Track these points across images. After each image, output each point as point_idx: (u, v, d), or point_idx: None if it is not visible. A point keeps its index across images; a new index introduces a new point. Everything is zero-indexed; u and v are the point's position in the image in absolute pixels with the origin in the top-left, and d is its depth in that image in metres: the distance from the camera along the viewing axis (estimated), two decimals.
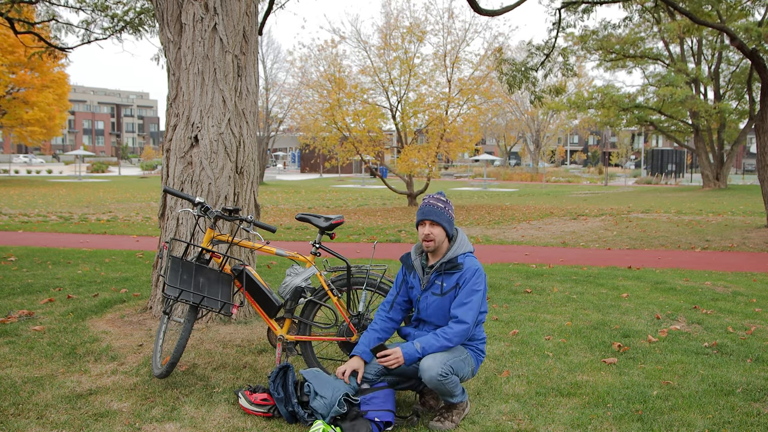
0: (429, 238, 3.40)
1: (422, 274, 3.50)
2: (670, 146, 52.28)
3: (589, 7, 11.60)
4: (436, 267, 3.43)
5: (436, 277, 3.43)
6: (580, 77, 39.09)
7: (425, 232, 3.40)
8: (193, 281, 3.76)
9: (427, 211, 3.42)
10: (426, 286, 3.46)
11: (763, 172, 11.65)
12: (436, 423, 3.32)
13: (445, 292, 3.39)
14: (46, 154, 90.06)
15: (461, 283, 3.37)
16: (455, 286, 3.38)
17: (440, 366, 3.25)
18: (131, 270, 7.70)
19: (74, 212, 16.34)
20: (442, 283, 3.40)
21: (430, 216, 3.40)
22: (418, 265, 3.52)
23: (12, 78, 32.28)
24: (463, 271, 3.38)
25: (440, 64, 19.99)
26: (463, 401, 3.42)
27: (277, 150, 74.31)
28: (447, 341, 3.31)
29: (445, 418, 3.35)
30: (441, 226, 3.41)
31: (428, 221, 3.41)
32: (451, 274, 3.40)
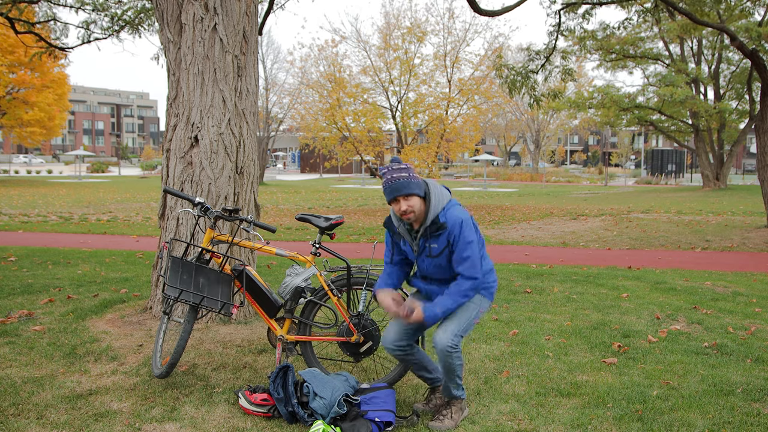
0: (408, 212, 3.27)
1: (411, 240, 3.44)
2: (670, 146, 52.28)
3: (590, 9, 11.60)
4: (421, 233, 3.35)
5: (424, 241, 3.37)
6: (579, 77, 39.07)
7: (402, 209, 3.26)
8: (193, 281, 3.76)
9: (395, 188, 3.26)
10: (418, 251, 3.42)
11: (763, 172, 11.65)
12: (436, 423, 3.32)
13: (437, 254, 3.34)
14: (46, 154, 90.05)
15: (452, 240, 3.28)
16: (447, 245, 3.31)
17: (450, 338, 3.28)
18: (131, 270, 7.70)
19: (74, 212, 16.34)
20: (432, 245, 3.34)
21: (401, 191, 3.25)
22: (405, 231, 3.43)
23: (12, 78, 32.28)
24: (448, 228, 3.27)
25: (440, 65, 20.00)
26: (462, 397, 3.43)
27: (277, 150, 74.31)
28: (463, 297, 3.30)
29: (443, 416, 3.35)
30: (414, 194, 3.27)
31: (401, 197, 3.26)
32: (438, 236, 3.31)
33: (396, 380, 3.83)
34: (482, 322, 5.37)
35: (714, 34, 25.47)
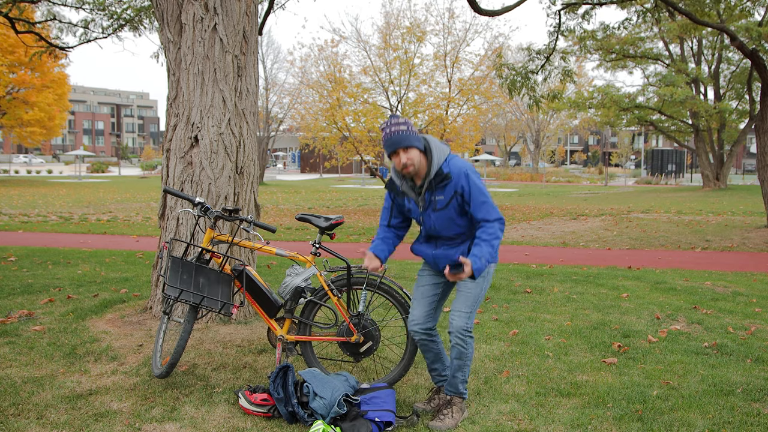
0: (408, 165, 3.27)
1: (416, 196, 3.43)
2: (670, 146, 52.28)
3: (590, 9, 11.60)
4: (426, 186, 3.35)
5: (430, 194, 3.36)
6: (579, 77, 39.09)
7: (402, 161, 3.26)
8: (193, 281, 3.76)
9: (395, 141, 3.25)
10: (424, 206, 3.40)
11: (763, 172, 11.65)
12: (437, 423, 3.32)
13: (443, 206, 3.34)
14: (46, 154, 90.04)
15: (460, 191, 3.29)
16: (453, 196, 3.31)
17: (466, 320, 3.35)
18: (131, 270, 7.70)
19: (74, 212, 16.34)
20: (438, 197, 3.34)
21: (401, 144, 3.25)
22: (408, 189, 3.43)
23: (12, 78, 32.28)
24: (455, 179, 3.28)
25: (440, 64, 20.00)
26: (465, 396, 3.46)
27: (277, 150, 74.32)
28: (497, 238, 3.27)
29: (444, 415, 3.36)
30: (414, 147, 3.28)
31: (400, 149, 3.26)
32: (443, 187, 3.32)
33: (396, 380, 3.83)
34: (482, 323, 5.37)
35: (714, 34, 25.46)
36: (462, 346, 3.38)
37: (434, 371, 3.66)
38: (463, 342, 3.37)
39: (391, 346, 4.50)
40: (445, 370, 3.64)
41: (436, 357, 3.63)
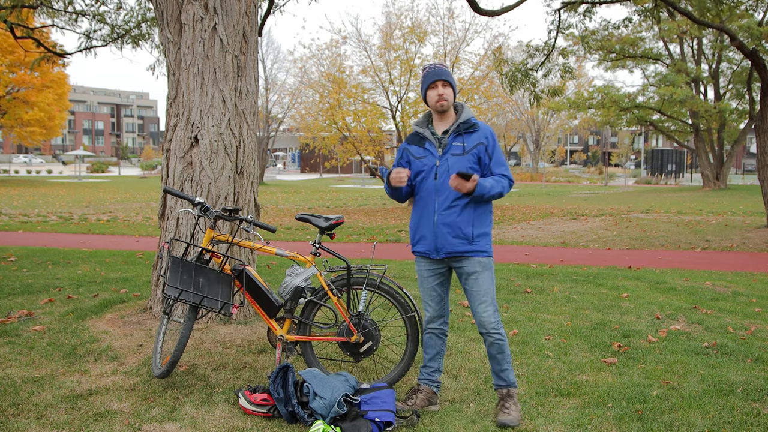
0: (443, 98, 3.46)
1: (436, 142, 3.51)
2: (670, 146, 52.26)
3: (590, 8, 11.59)
4: (453, 129, 3.48)
5: (454, 138, 3.47)
6: (579, 77, 39.11)
7: (439, 92, 3.46)
8: (193, 281, 3.76)
9: (438, 72, 3.48)
10: (444, 150, 3.47)
11: (763, 172, 11.65)
12: (506, 417, 3.32)
13: (467, 150, 3.44)
14: (46, 154, 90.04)
15: (485, 141, 3.46)
16: (477, 144, 3.45)
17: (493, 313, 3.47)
18: (131, 270, 7.70)
19: (74, 212, 16.34)
20: (464, 143, 3.45)
21: (441, 76, 3.47)
22: (430, 134, 3.54)
23: (12, 78, 32.28)
24: (482, 130, 3.47)
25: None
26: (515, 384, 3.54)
27: (277, 150, 74.31)
28: (502, 188, 3.43)
29: (508, 408, 3.38)
30: (451, 86, 3.49)
31: (441, 81, 3.47)
32: (470, 133, 3.47)
33: (396, 380, 3.83)
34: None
35: (714, 34, 25.45)
36: (501, 340, 3.48)
37: (428, 368, 3.67)
38: (501, 335, 3.48)
39: (391, 346, 4.50)
40: (437, 372, 3.67)
41: (438, 354, 3.67)
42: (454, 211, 3.42)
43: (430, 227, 3.48)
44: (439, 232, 3.44)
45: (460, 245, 3.43)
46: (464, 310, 5.82)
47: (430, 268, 3.58)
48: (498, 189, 3.40)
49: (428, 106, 3.58)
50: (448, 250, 3.45)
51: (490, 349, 3.50)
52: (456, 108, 3.57)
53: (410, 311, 3.81)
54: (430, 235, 3.49)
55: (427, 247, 3.52)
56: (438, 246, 3.47)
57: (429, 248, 3.51)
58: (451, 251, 3.45)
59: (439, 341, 3.66)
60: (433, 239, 3.48)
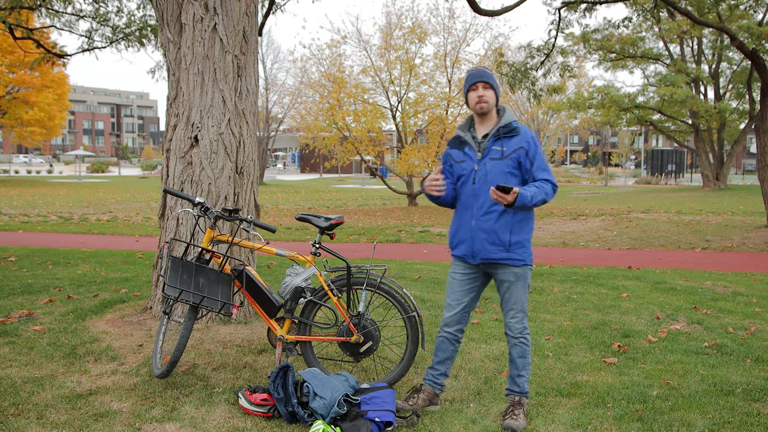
0: (483, 100, 3.43)
1: (476, 146, 3.50)
2: (670, 146, 52.26)
3: (590, 6, 11.60)
4: (493, 132, 3.46)
5: (493, 142, 3.45)
6: (579, 77, 39.09)
7: (479, 94, 3.43)
8: (193, 281, 3.76)
9: (479, 74, 3.47)
10: (483, 154, 3.46)
11: (763, 172, 11.64)
12: (512, 422, 3.31)
13: (506, 155, 3.41)
14: (46, 154, 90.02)
15: (526, 146, 3.41)
16: (517, 149, 3.41)
17: (522, 318, 3.53)
18: (131, 270, 7.70)
19: (74, 212, 16.34)
20: (503, 147, 3.42)
21: (483, 78, 3.45)
22: (470, 138, 3.53)
23: (12, 78, 32.28)
24: (522, 134, 3.43)
25: (441, 65, 20.00)
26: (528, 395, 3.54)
27: (277, 150, 74.31)
28: (545, 194, 3.37)
29: (517, 415, 3.37)
30: (492, 88, 3.46)
31: (482, 83, 3.45)
32: (510, 138, 3.43)
33: (396, 380, 3.83)
34: (482, 323, 5.37)
35: (714, 34, 25.45)
36: (525, 344, 3.50)
37: (436, 370, 3.66)
38: (526, 340, 3.51)
39: (391, 346, 4.50)
40: (443, 375, 3.66)
41: (447, 359, 3.66)
42: (492, 216, 3.40)
43: (468, 232, 3.47)
44: (476, 237, 3.43)
45: (496, 252, 3.41)
46: None
47: (464, 272, 3.57)
48: (541, 196, 3.33)
49: (469, 108, 3.57)
50: (484, 256, 3.44)
51: (513, 351, 3.52)
52: (498, 111, 3.53)
53: (410, 311, 3.81)
54: (467, 239, 3.48)
55: (464, 252, 3.51)
56: (475, 251, 3.46)
57: (466, 253, 3.50)
58: (487, 257, 3.43)
59: (451, 347, 3.65)
60: (470, 244, 3.47)
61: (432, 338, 4.85)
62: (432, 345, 4.68)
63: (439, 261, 8.95)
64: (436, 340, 3.70)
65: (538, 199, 3.32)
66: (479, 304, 6.04)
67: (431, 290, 6.67)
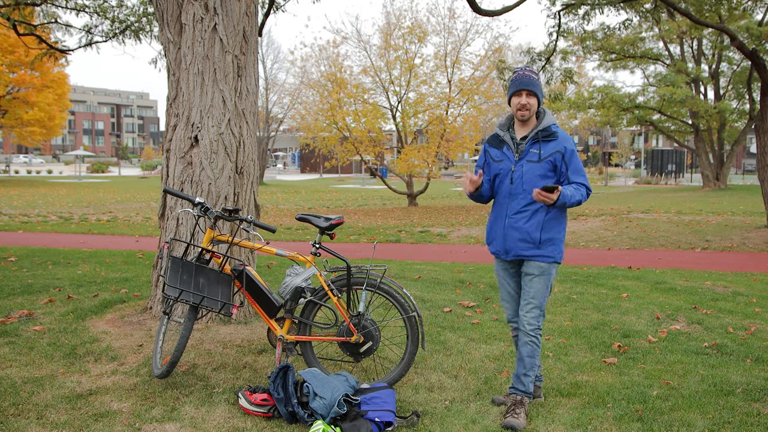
0: (525, 108, 3.48)
1: (514, 146, 3.55)
2: (670, 146, 52.24)
3: (589, 10, 11.59)
4: (531, 135, 3.50)
5: (531, 145, 3.50)
6: (580, 77, 39.09)
7: (522, 102, 3.48)
8: (193, 281, 3.76)
9: (525, 82, 3.49)
10: (521, 155, 3.51)
11: (763, 172, 11.64)
12: (512, 420, 3.32)
13: (543, 158, 3.47)
14: (46, 154, 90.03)
15: (563, 150, 3.47)
16: (554, 152, 3.46)
17: (538, 315, 3.51)
18: (131, 270, 7.70)
19: (74, 212, 16.34)
20: (540, 150, 3.48)
21: (528, 86, 3.48)
22: (509, 139, 3.57)
23: (12, 78, 32.29)
24: (560, 139, 3.48)
25: (441, 65, 20.00)
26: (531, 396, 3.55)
27: (277, 150, 74.31)
28: (581, 196, 3.46)
29: (518, 414, 3.37)
30: (536, 96, 3.50)
31: (525, 91, 3.48)
32: (548, 142, 3.48)
33: (396, 380, 3.83)
34: (482, 323, 5.37)
35: (714, 34, 25.45)
36: (536, 344, 3.52)
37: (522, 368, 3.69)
38: (537, 339, 3.52)
39: (391, 346, 4.50)
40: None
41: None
42: (524, 216, 3.50)
43: (501, 229, 3.58)
44: (509, 235, 3.54)
45: (526, 249, 3.51)
46: (464, 310, 5.82)
47: (504, 267, 3.69)
48: (577, 197, 3.44)
49: (511, 109, 3.61)
50: (516, 252, 3.54)
51: (523, 349, 3.54)
52: (538, 114, 3.58)
53: (410, 311, 3.81)
54: (500, 237, 3.59)
55: (497, 248, 3.64)
56: (507, 248, 3.56)
57: (499, 249, 3.62)
58: (518, 254, 3.54)
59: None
60: (503, 241, 3.58)
61: (432, 338, 4.86)
62: (432, 345, 4.68)
63: (439, 261, 8.95)
64: (513, 340, 3.78)
65: (575, 199, 3.43)
66: (479, 305, 6.04)
67: (431, 290, 6.67)
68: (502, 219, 3.57)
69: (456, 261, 8.96)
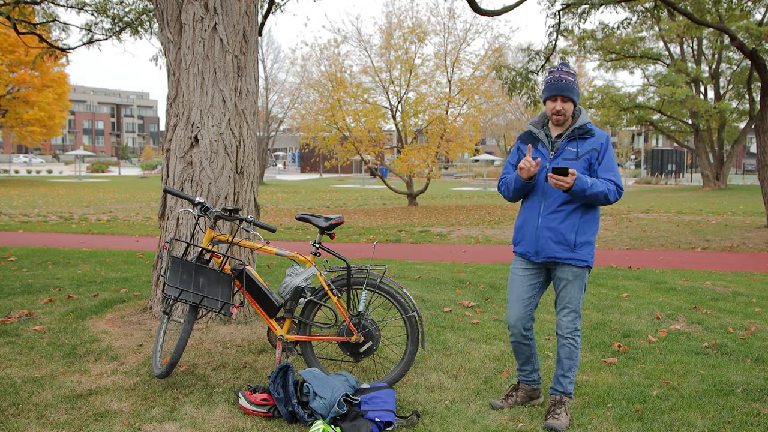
0: (560, 114, 3.40)
1: (549, 144, 3.47)
2: (670, 146, 52.25)
3: (588, 9, 11.59)
4: (567, 133, 3.43)
5: (568, 143, 3.42)
6: (580, 77, 39.10)
7: (557, 108, 3.39)
8: (193, 281, 3.77)
9: (561, 87, 3.38)
10: (556, 153, 3.43)
11: (763, 172, 11.64)
12: (553, 421, 3.30)
13: (580, 155, 3.38)
14: (46, 154, 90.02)
15: (599, 148, 3.38)
16: (590, 150, 3.38)
17: (575, 319, 3.45)
18: (131, 270, 7.70)
19: (74, 212, 16.34)
20: (577, 148, 3.40)
21: (563, 92, 3.38)
22: (544, 137, 3.48)
23: (12, 77, 32.30)
24: (597, 136, 3.40)
25: (441, 64, 20.00)
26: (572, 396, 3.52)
27: (277, 150, 74.31)
28: (609, 192, 3.31)
29: (558, 414, 3.35)
30: (572, 101, 3.41)
31: (560, 97, 3.39)
32: (584, 140, 3.41)
33: (396, 380, 3.83)
34: (482, 323, 5.37)
35: (714, 34, 25.44)
36: (574, 345, 3.47)
37: (524, 371, 3.67)
38: (575, 341, 3.47)
39: (391, 346, 4.50)
40: (534, 372, 3.66)
41: (528, 359, 3.64)
42: (559, 216, 3.38)
43: (533, 230, 3.44)
44: (542, 235, 3.40)
45: (561, 251, 3.38)
46: (464, 310, 5.82)
47: (526, 268, 3.54)
48: (601, 188, 3.28)
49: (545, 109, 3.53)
50: (548, 254, 3.40)
51: (561, 351, 3.50)
52: (574, 113, 3.49)
53: (410, 311, 3.81)
54: (532, 237, 3.45)
55: (527, 249, 3.48)
56: (539, 249, 3.42)
57: (529, 250, 3.47)
58: (551, 256, 3.40)
59: (526, 347, 3.60)
60: (534, 242, 3.44)
61: (432, 338, 4.86)
62: (432, 345, 4.68)
63: (439, 261, 8.95)
64: (511, 344, 3.68)
65: (598, 189, 3.28)
66: (479, 304, 6.04)
67: (431, 290, 6.67)
68: (534, 219, 3.43)
69: (456, 261, 8.96)
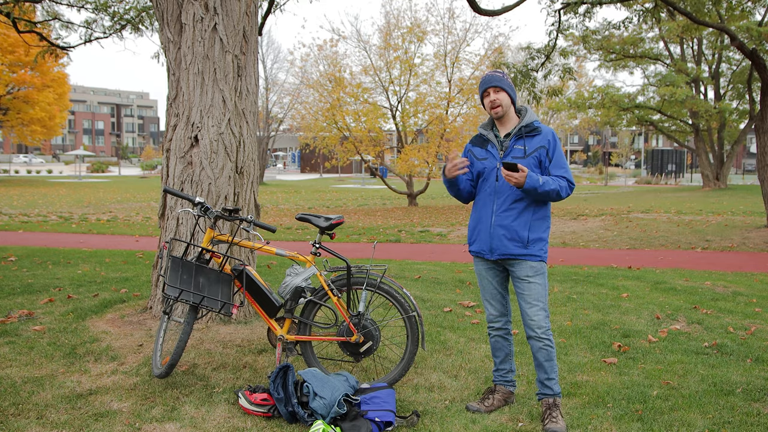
0: (496, 104, 3.46)
1: (499, 144, 3.52)
2: (670, 146, 52.27)
3: (590, 8, 11.58)
4: (515, 132, 3.48)
5: (516, 141, 3.47)
6: (580, 77, 39.11)
7: (491, 99, 3.47)
8: (193, 281, 3.76)
9: (488, 80, 3.49)
10: (506, 152, 3.48)
11: (763, 172, 11.64)
12: (552, 425, 3.28)
13: (528, 153, 3.43)
14: (46, 154, 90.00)
15: (546, 144, 3.44)
16: (539, 148, 3.43)
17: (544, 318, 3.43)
18: (131, 270, 7.70)
19: (74, 212, 16.34)
20: (525, 146, 3.44)
21: (492, 83, 3.47)
22: (493, 137, 3.55)
23: (12, 77, 32.31)
24: (543, 134, 3.45)
25: (440, 64, 20.00)
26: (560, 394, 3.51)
27: (277, 150, 74.32)
28: (560, 188, 3.40)
29: (555, 417, 3.34)
30: (504, 91, 3.47)
31: (492, 88, 3.47)
32: (532, 137, 3.46)
33: (396, 380, 3.83)
34: (482, 323, 5.37)
35: (714, 34, 25.44)
36: (550, 346, 3.45)
37: (501, 371, 3.67)
38: (550, 341, 3.46)
39: (391, 346, 4.50)
40: (510, 372, 3.66)
41: (506, 357, 3.66)
42: (512, 213, 3.43)
43: (487, 228, 3.49)
44: (495, 233, 3.45)
45: (514, 248, 3.42)
46: (464, 310, 5.82)
47: (487, 266, 3.59)
48: (553, 186, 3.36)
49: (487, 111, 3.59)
50: (503, 252, 3.45)
51: (538, 355, 3.46)
52: (519, 111, 3.56)
53: (410, 311, 3.81)
54: (485, 235, 3.50)
55: (481, 247, 3.53)
56: (493, 247, 3.47)
57: (484, 248, 3.52)
58: (505, 253, 3.44)
59: (506, 343, 3.64)
60: (488, 240, 3.49)
61: (432, 338, 4.86)
62: (432, 345, 4.68)
63: (439, 261, 8.95)
64: (490, 342, 3.71)
65: (550, 187, 3.35)
66: (479, 304, 6.04)
67: (431, 290, 6.67)
68: (487, 217, 3.48)
69: (456, 261, 8.96)
